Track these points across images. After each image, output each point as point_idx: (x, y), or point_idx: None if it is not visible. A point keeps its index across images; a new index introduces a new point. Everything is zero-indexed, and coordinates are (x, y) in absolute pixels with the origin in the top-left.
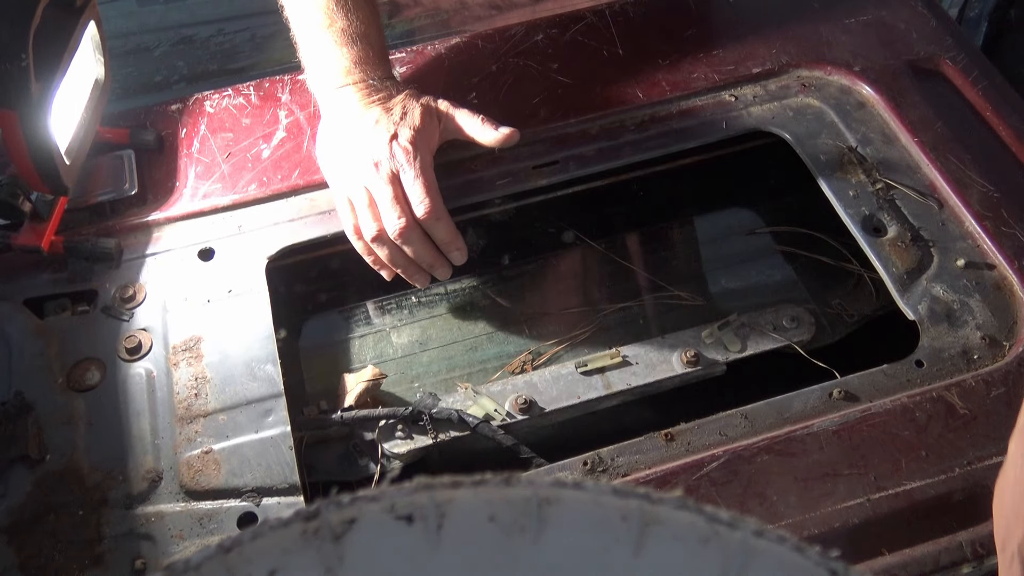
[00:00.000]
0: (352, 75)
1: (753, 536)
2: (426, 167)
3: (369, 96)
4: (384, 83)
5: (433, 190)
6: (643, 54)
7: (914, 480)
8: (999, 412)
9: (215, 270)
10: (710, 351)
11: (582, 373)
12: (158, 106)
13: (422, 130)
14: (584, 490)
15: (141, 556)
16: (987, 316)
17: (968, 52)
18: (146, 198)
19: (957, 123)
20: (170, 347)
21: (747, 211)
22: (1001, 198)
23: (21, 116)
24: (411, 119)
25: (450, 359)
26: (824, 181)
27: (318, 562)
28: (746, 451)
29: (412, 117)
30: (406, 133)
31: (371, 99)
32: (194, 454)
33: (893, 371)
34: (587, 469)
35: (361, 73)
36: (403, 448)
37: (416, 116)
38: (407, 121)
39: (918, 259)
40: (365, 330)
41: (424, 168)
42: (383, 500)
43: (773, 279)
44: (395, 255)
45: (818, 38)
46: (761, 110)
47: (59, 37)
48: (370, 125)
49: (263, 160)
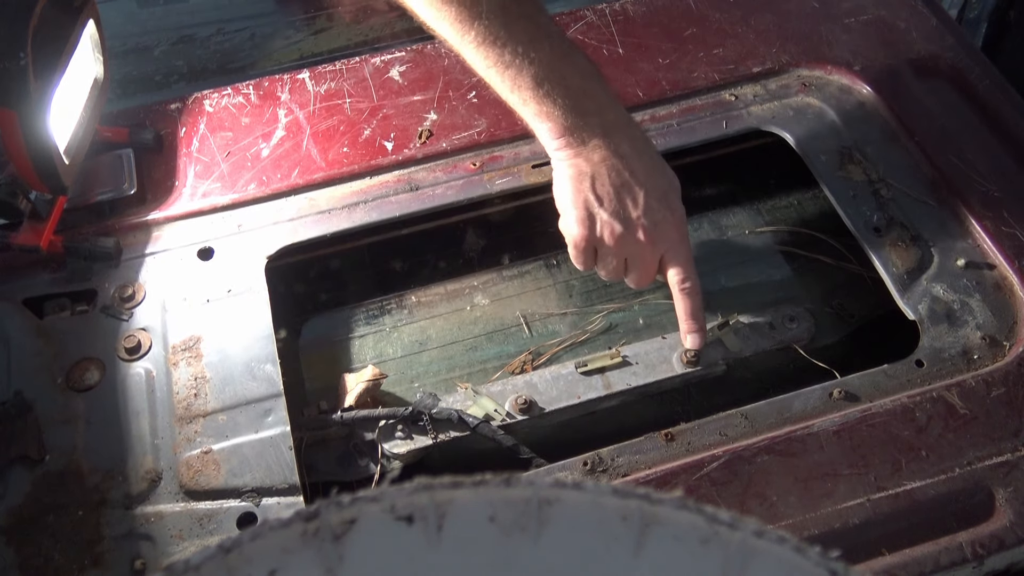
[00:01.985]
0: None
1: (753, 536)
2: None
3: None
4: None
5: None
6: (643, 53)
7: (914, 480)
8: (999, 412)
9: (214, 269)
10: (710, 351)
11: (582, 373)
12: (157, 105)
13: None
14: (584, 490)
15: (141, 556)
16: (987, 316)
17: (968, 52)
18: (145, 197)
19: (957, 123)
20: (169, 347)
21: (747, 211)
22: (1001, 198)
23: (20, 115)
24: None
25: (450, 359)
26: (824, 181)
27: (318, 562)
28: (746, 451)
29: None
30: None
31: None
32: (194, 454)
33: (893, 371)
34: (587, 469)
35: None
36: (403, 448)
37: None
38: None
39: (918, 259)
40: (365, 330)
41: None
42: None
43: (773, 279)
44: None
45: (818, 38)
46: (761, 109)
47: (58, 36)
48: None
49: (262, 159)
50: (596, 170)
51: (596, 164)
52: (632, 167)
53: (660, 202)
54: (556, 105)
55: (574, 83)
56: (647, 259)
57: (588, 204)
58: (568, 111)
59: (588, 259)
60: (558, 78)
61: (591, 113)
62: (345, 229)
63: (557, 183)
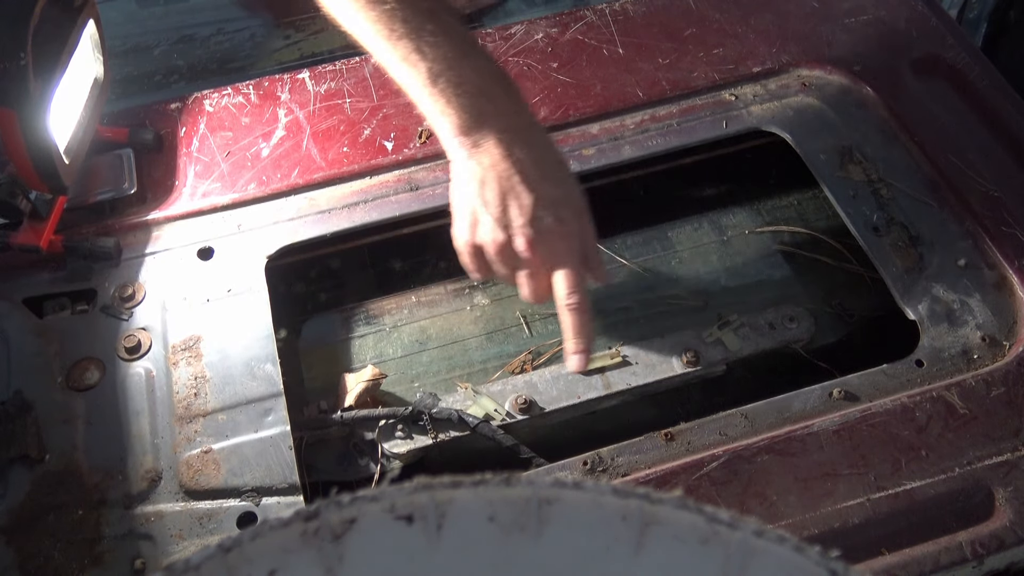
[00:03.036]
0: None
1: (753, 536)
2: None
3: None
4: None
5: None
6: (643, 53)
7: (914, 480)
8: (999, 412)
9: (214, 269)
10: (710, 351)
11: (582, 373)
12: (157, 105)
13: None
14: (584, 490)
15: (141, 556)
16: (987, 316)
17: (968, 52)
18: (145, 197)
19: (957, 123)
20: (169, 346)
21: (747, 211)
22: (1001, 198)
23: (20, 115)
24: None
25: (450, 359)
26: (824, 181)
27: (318, 562)
28: (746, 451)
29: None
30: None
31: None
32: (194, 454)
33: (893, 371)
34: (587, 469)
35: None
36: (403, 448)
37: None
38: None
39: (918, 259)
40: (365, 330)
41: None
42: (383, 500)
43: (773, 279)
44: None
45: (818, 38)
46: (761, 109)
47: (58, 36)
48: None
49: (262, 159)
50: (486, 174)
51: (487, 168)
52: (525, 174)
53: (549, 212)
54: (451, 104)
55: (472, 83)
56: (534, 270)
57: (474, 209)
58: (463, 110)
59: (476, 264)
60: (455, 76)
61: (488, 115)
62: (345, 229)
63: (452, 184)
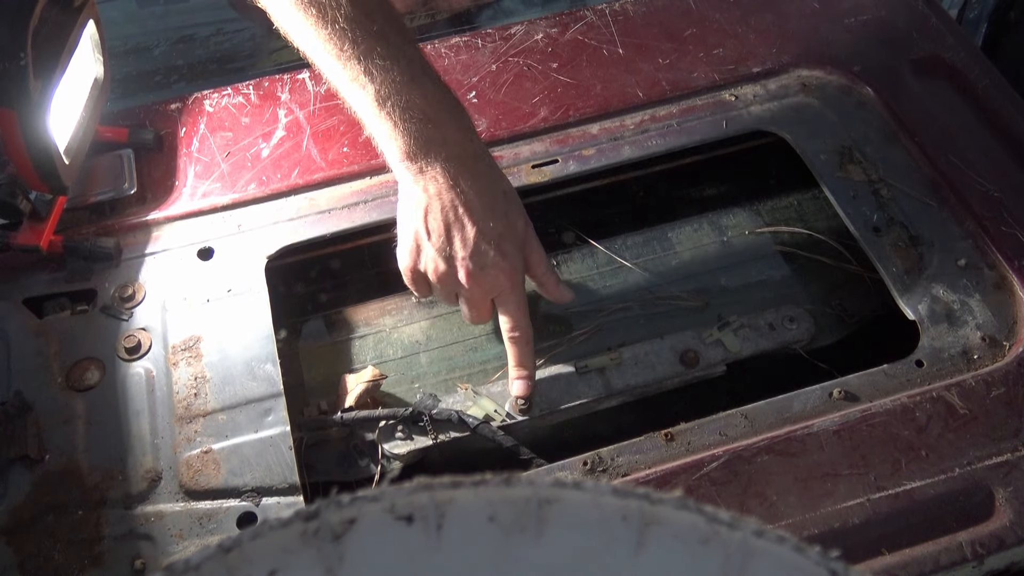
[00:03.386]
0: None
1: (753, 536)
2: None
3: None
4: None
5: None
6: (643, 54)
7: (914, 480)
8: (999, 412)
9: (214, 269)
10: (710, 352)
11: (582, 373)
12: (157, 105)
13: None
14: (584, 490)
15: (141, 556)
16: (987, 316)
17: (968, 52)
18: (145, 197)
19: (957, 123)
20: (169, 347)
21: (747, 211)
22: (1001, 198)
23: (20, 115)
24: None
25: (450, 359)
26: (824, 181)
27: (318, 562)
28: (746, 451)
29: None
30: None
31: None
32: (194, 454)
33: (893, 371)
34: (587, 469)
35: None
36: (403, 449)
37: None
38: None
39: (918, 259)
40: (365, 330)
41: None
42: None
43: (773, 279)
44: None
45: (818, 38)
46: (761, 110)
47: (58, 36)
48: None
49: (262, 159)
50: (431, 202)
51: (432, 196)
52: (469, 204)
53: (492, 245)
54: (397, 128)
55: (419, 108)
56: (475, 300)
57: (418, 235)
58: (409, 136)
59: (420, 288)
60: (402, 101)
61: (435, 142)
62: (345, 229)
63: (398, 207)
